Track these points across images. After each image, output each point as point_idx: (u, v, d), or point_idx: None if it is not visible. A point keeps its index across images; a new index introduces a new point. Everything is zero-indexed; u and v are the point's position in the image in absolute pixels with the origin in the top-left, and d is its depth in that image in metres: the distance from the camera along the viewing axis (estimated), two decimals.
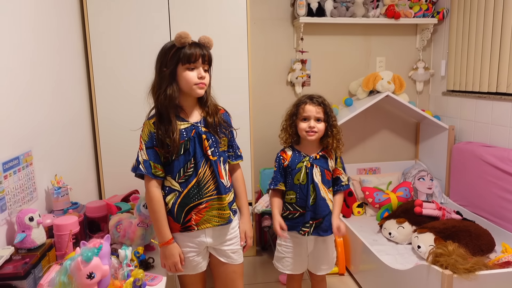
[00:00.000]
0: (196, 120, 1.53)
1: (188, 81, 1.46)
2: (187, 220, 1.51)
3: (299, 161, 1.84)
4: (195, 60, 1.44)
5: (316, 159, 1.85)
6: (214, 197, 1.54)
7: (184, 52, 1.44)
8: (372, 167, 3.44)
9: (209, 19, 2.57)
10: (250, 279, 2.69)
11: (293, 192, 1.85)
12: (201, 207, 1.52)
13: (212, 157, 1.52)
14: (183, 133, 1.48)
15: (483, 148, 2.73)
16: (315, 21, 3.02)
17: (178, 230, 1.53)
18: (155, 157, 1.47)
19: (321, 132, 1.82)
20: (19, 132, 1.57)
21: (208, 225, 1.54)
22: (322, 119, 1.82)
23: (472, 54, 2.87)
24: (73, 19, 2.33)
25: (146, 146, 1.48)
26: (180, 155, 1.48)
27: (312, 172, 1.82)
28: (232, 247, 1.62)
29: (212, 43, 1.51)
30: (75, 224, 1.55)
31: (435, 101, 3.40)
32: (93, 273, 1.07)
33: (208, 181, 1.52)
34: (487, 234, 2.35)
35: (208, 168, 1.52)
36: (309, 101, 1.83)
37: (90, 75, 2.49)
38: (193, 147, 1.49)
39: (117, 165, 2.56)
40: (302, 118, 1.83)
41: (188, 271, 1.59)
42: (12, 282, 1.23)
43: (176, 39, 1.43)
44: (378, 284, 2.28)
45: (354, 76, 3.30)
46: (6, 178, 1.42)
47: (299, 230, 1.85)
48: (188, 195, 1.50)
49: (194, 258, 1.57)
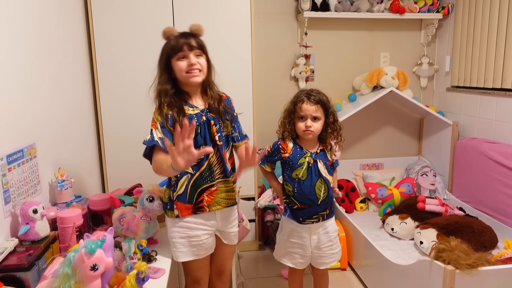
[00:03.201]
0: (204, 106, 1.60)
1: (179, 70, 1.52)
2: (199, 201, 1.58)
3: (301, 156, 1.83)
4: (179, 49, 1.50)
5: (317, 154, 1.85)
6: (221, 180, 1.61)
7: (169, 45, 1.52)
8: (375, 162, 3.43)
9: (213, 14, 2.56)
10: (252, 273, 2.70)
11: (290, 185, 1.85)
12: (213, 189, 1.59)
13: (219, 141, 1.59)
14: (193, 118, 1.53)
15: (487, 144, 2.72)
16: (319, 15, 3.00)
17: (190, 211, 1.58)
18: (170, 135, 1.51)
19: (318, 132, 1.81)
20: (23, 125, 1.57)
21: (218, 207, 1.60)
22: (320, 117, 1.80)
23: (477, 50, 2.85)
24: (76, 11, 2.33)
25: (161, 125, 1.52)
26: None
27: (317, 167, 1.82)
28: (234, 229, 1.73)
29: (202, 30, 1.56)
30: (78, 217, 1.56)
31: (439, 97, 3.38)
32: (97, 265, 1.07)
33: (217, 165, 1.59)
34: (490, 230, 2.35)
35: (217, 152, 1.59)
36: (306, 100, 1.78)
37: (94, 68, 2.49)
38: (204, 132, 1.56)
39: (121, 158, 2.57)
40: (299, 117, 1.80)
41: (201, 253, 1.63)
42: (16, 273, 1.24)
43: (162, 35, 1.53)
44: (380, 279, 2.29)
45: (358, 71, 3.29)
46: (10, 171, 1.43)
47: (301, 222, 1.85)
48: (201, 177, 1.56)
49: (208, 239, 1.63)
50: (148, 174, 2.04)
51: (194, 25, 1.55)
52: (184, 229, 1.59)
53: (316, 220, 1.85)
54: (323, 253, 1.92)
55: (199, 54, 1.53)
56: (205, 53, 1.56)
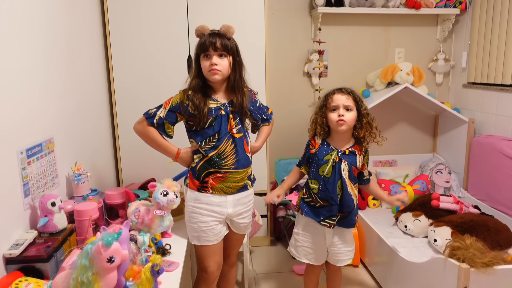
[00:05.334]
0: (225, 101, 1.70)
1: (203, 68, 1.65)
2: (205, 181, 1.68)
3: (327, 153, 1.82)
4: (206, 49, 1.62)
5: (344, 154, 1.82)
6: (232, 171, 1.69)
7: (199, 43, 1.65)
8: (388, 159, 3.40)
9: (226, 9, 2.56)
10: (264, 269, 2.71)
11: (316, 182, 1.85)
12: (219, 175, 1.68)
13: (237, 134, 1.69)
14: (212, 111, 1.65)
15: (504, 142, 2.67)
16: (333, 11, 2.98)
17: (196, 188, 1.69)
18: (171, 119, 1.67)
19: (350, 122, 1.78)
20: (42, 119, 1.60)
21: (222, 193, 1.69)
22: (352, 108, 1.79)
23: (495, 46, 2.79)
24: (92, 4, 2.35)
25: (170, 108, 1.66)
26: (204, 129, 1.65)
27: (340, 167, 1.80)
28: (245, 220, 1.81)
29: (232, 31, 1.66)
30: (94, 210, 1.59)
31: (455, 94, 3.33)
32: (113, 257, 1.09)
33: (229, 156, 1.68)
34: (506, 229, 2.31)
35: (231, 144, 1.68)
36: (337, 91, 1.83)
37: (109, 62, 2.52)
38: (219, 124, 1.66)
39: (135, 153, 2.60)
40: (332, 109, 1.80)
41: (209, 239, 1.71)
42: (35, 264, 1.28)
43: (195, 32, 1.65)
44: (393, 276, 2.27)
45: (372, 67, 3.25)
46: (29, 164, 1.46)
47: (320, 221, 1.85)
48: (210, 161, 1.67)
49: (217, 226, 1.71)
50: (162, 169, 2.07)
51: (224, 26, 1.64)
52: (196, 214, 1.70)
53: (334, 221, 1.84)
54: (339, 250, 1.92)
55: (223, 55, 1.63)
56: (230, 54, 1.65)
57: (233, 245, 1.89)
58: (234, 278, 2.02)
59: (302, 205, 1.91)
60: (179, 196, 1.70)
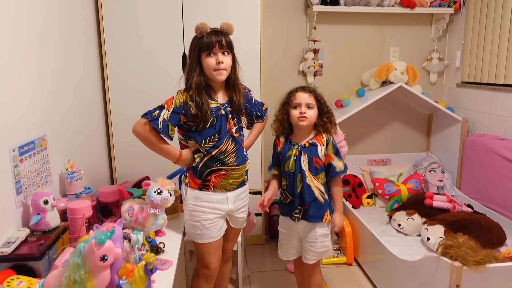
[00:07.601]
0: (224, 100, 1.71)
1: (208, 67, 1.62)
2: (207, 180, 1.69)
3: (289, 149, 1.86)
4: (212, 47, 1.59)
5: (304, 147, 1.84)
6: (234, 168, 1.72)
7: (202, 41, 1.60)
8: (382, 158, 3.42)
9: (221, 7, 2.55)
10: (258, 267, 2.71)
11: (284, 179, 1.89)
12: (221, 173, 1.70)
13: (235, 133, 1.72)
14: (212, 111, 1.65)
15: (497, 141, 2.69)
16: (328, 9, 2.98)
17: (197, 186, 1.70)
18: (175, 121, 1.63)
19: (312, 119, 1.82)
20: (35, 117, 1.59)
21: (223, 190, 1.71)
22: (313, 106, 1.82)
23: (488, 45, 2.81)
24: (85, 1, 2.33)
25: (174, 110, 1.62)
26: (205, 128, 1.65)
27: (300, 160, 1.83)
28: (243, 214, 1.85)
29: (232, 29, 1.66)
30: (88, 208, 1.58)
31: (449, 93, 3.35)
32: (106, 255, 1.08)
33: (230, 154, 1.70)
34: (498, 227, 2.33)
35: (231, 143, 1.70)
36: (300, 89, 1.85)
37: (103, 59, 2.50)
38: (219, 124, 1.67)
39: (129, 151, 2.59)
40: (294, 106, 1.84)
41: (213, 235, 1.73)
42: (27, 262, 1.27)
43: (196, 30, 1.61)
44: (386, 274, 2.29)
45: (367, 66, 3.26)
46: (22, 162, 1.45)
47: (291, 216, 1.89)
48: (211, 160, 1.68)
49: (219, 221, 1.74)
50: (156, 167, 2.07)
51: (225, 24, 1.64)
52: (197, 212, 1.71)
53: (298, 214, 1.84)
54: (305, 247, 1.92)
55: (226, 53, 1.64)
56: (231, 52, 1.66)
57: (230, 239, 1.91)
58: (229, 273, 2.04)
59: (280, 205, 1.96)
60: (173, 194, 1.69)
